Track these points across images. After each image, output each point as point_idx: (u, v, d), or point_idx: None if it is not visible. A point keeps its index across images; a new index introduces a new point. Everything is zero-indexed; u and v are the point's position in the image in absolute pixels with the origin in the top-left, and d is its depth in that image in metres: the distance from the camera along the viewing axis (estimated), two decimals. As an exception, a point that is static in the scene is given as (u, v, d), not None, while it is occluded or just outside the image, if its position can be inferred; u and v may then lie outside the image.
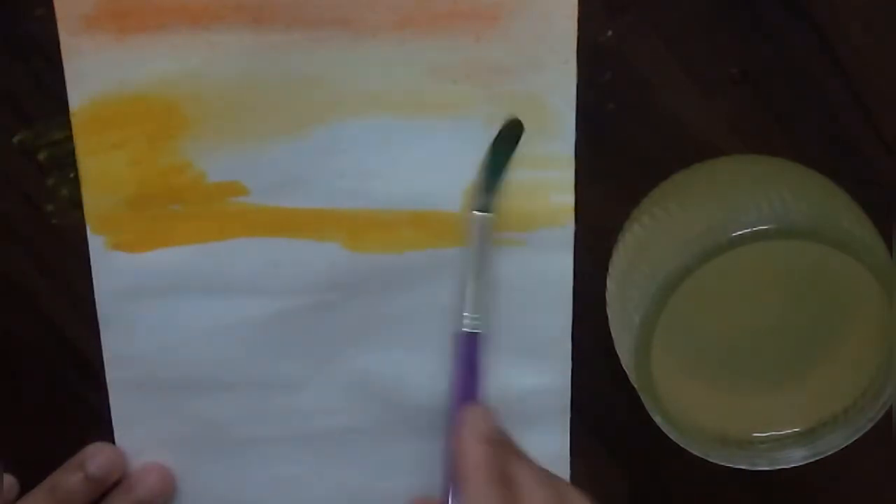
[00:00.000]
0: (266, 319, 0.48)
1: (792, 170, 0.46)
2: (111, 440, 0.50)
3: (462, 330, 0.48)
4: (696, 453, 0.45)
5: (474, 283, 0.47)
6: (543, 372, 0.49)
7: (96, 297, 0.48)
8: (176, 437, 0.50)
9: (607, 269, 0.47)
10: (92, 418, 0.50)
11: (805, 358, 0.46)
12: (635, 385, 0.44)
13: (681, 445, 0.44)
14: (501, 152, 0.46)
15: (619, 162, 0.47)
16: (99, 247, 0.48)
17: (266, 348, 0.49)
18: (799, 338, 0.45)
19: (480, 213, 0.46)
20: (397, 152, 0.46)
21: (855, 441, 0.45)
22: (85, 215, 0.47)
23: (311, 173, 0.47)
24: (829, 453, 0.45)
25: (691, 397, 0.45)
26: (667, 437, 0.44)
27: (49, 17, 0.45)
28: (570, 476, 0.50)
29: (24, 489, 0.50)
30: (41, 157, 0.47)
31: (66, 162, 0.47)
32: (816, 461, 0.45)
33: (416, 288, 0.48)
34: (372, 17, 0.45)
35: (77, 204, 0.47)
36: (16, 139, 0.47)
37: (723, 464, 0.45)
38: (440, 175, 0.46)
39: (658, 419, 0.44)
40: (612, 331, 0.46)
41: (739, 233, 0.41)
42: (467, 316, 0.47)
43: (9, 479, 0.49)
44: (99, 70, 0.45)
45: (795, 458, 0.45)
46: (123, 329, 0.49)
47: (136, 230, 0.47)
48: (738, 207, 0.42)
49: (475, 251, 0.47)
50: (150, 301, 0.48)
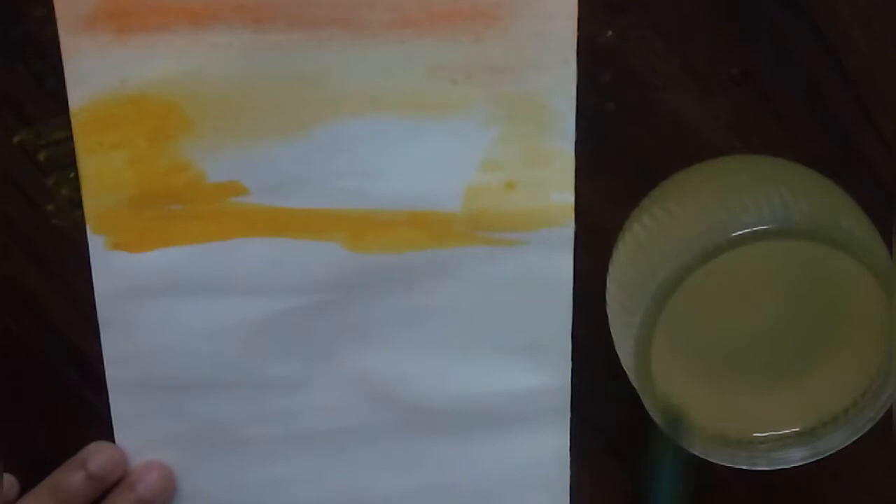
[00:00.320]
0: (266, 319, 0.48)
1: (792, 170, 0.46)
2: (111, 440, 0.50)
3: None
4: (696, 453, 0.45)
5: None
6: (543, 372, 0.49)
7: (96, 297, 0.48)
8: (176, 437, 0.50)
9: (607, 269, 0.47)
10: (92, 418, 0.50)
11: (805, 358, 0.46)
12: (635, 385, 0.44)
13: (681, 445, 0.44)
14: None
15: (619, 162, 0.47)
16: (99, 247, 0.48)
17: (266, 348, 0.49)
18: (799, 338, 0.45)
19: None
20: (397, 152, 0.46)
21: (855, 441, 0.45)
22: (85, 215, 0.47)
23: (310, 173, 0.47)
24: (829, 453, 0.45)
25: (691, 397, 0.45)
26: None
27: (49, 17, 0.45)
28: (570, 476, 0.50)
29: (24, 489, 0.50)
30: (41, 157, 0.47)
31: (66, 162, 0.47)
32: (816, 461, 0.45)
33: (416, 288, 0.48)
34: (372, 17, 0.45)
35: (77, 204, 0.47)
36: (16, 139, 0.47)
37: (723, 464, 0.45)
38: (440, 175, 0.47)
39: (658, 419, 0.44)
40: (612, 331, 0.46)
41: (739, 233, 0.41)
42: None
43: (9, 479, 0.49)
44: (99, 70, 0.45)
45: (795, 458, 0.45)
46: (123, 329, 0.49)
47: (136, 230, 0.47)
48: (738, 207, 0.42)
49: None
50: (150, 301, 0.48)
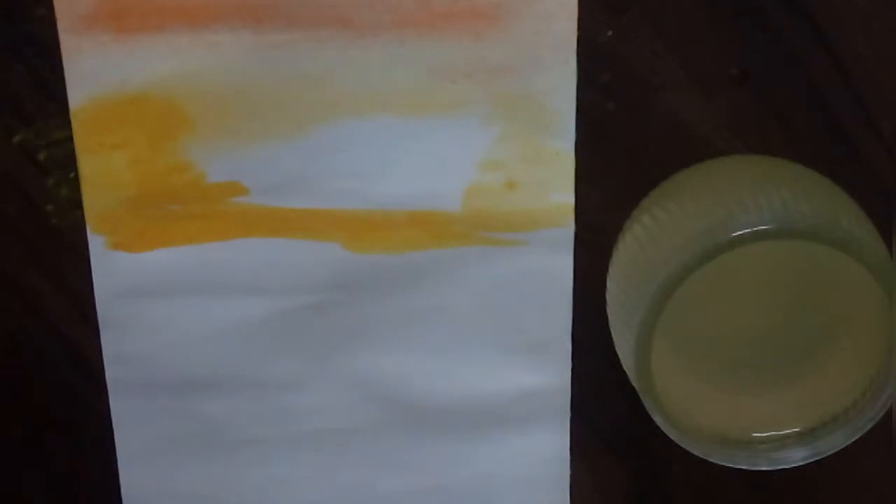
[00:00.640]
0: (266, 319, 0.48)
1: (792, 170, 0.46)
2: (111, 440, 0.50)
3: None
4: (696, 453, 0.45)
5: None
6: (543, 371, 0.49)
7: (96, 297, 0.48)
8: (176, 437, 0.50)
9: (607, 269, 0.47)
10: (92, 418, 0.50)
11: (805, 358, 0.46)
12: (635, 385, 0.44)
13: (681, 445, 0.44)
14: None
15: (619, 162, 0.47)
16: (99, 247, 0.47)
17: (266, 348, 0.49)
18: (799, 338, 0.45)
19: None
20: (397, 152, 0.46)
21: (855, 441, 0.45)
22: (85, 215, 0.47)
23: (310, 173, 0.46)
24: (830, 453, 0.45)
25: (691, 397, 0.45)
26: (667, 437, 0.44)
27: (49, 17, 0.44)
28: (570, 476, 0.50)
29: (24, 489, 0.50)
30: (41, 157, 0.47)
31: (66, 162, 0.47)
32: (816, 461, 0.45)
33: (416, 288, 0.48)
34: (372, 17, 0.45)
35: (77, 204, 0.47)
36: (16, 139, 0.47)
37: (723, 464, 0.45)
38: (440, 175, 0.47)
39: (658, 419, 0.44)
40: (612, 331, 0.46)
41: (739, 233, 0.41)
42: None
43: None
44: (99, 70, 0.45)
45: (796, 458, 0.45)
46: (123, 329, 0.49)
47: (136, 230, 0.47)
48: (738, 207, 0.42)
49: None
50: (150, 301, 0.48)
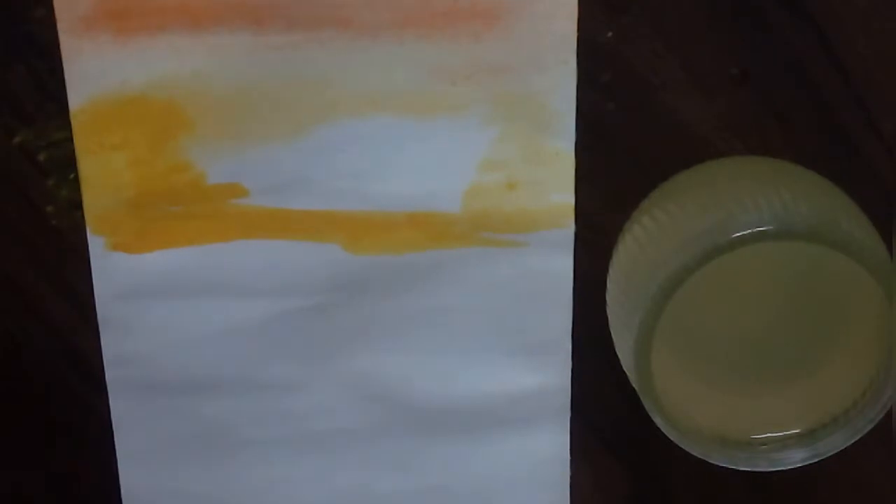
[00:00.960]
0: (266, 321, 0.48)
1: (792, 170, 0.46)
2: (111, 441, 0.50)
3: None
4: (696, 454, 0.45)
5: None
6: (543, 372, 0.49)
7: (96, 297, 0.48)
8: (175, 438, 0.50)
9: (607, 269, 0.47)
10: (92, 419, 0.50)
11: (805, 358, 0.46)
12: (635, 385, 0.44)
13: (681, 446, 0.44)
14: None
15: (619, 162, 0.47)
16: (99, 247, 0.47)
17: (265, 350, 0.49)
18: (799, 338, 0.45)
19: None
20: (397, 153, 0.46)
21: (855, 441, 0.45)
22: (85, 216, 0.47)
23: (310, 175, 0.46)
24: (830, 454, 0.45)
25: (691, 397, 0.45)
26: (667, 437, 0.44)
27: (49, 18, 0.44)
28: (571, 476, 0.50)
29: (24, 489, 0.50)
30: (41, 157, 0.47)
31: (66, 162, 0.47)
32: (816, 462, 0.45)
33: (416, 289, 0.48)
34: (372, 18, 0.45)
35: (77, 205, 0.47)
36: (16, 139, 0.47)
37: (723, 464, 0.45)
38: (440, 176, 0.46)
39: (658, 419, 0.44)
40: (612, 331, 0.46)
41: (739, 233, 0.41)
42: None
43: None
44: (99, 70, 0.45)
45: (795, 459, 0.45)
46: (123, 329, 0.49)
47: (136, 231, 0.47)
48: (738, 208, 0.42)
49: None
50: (150, 301, 0.48)
